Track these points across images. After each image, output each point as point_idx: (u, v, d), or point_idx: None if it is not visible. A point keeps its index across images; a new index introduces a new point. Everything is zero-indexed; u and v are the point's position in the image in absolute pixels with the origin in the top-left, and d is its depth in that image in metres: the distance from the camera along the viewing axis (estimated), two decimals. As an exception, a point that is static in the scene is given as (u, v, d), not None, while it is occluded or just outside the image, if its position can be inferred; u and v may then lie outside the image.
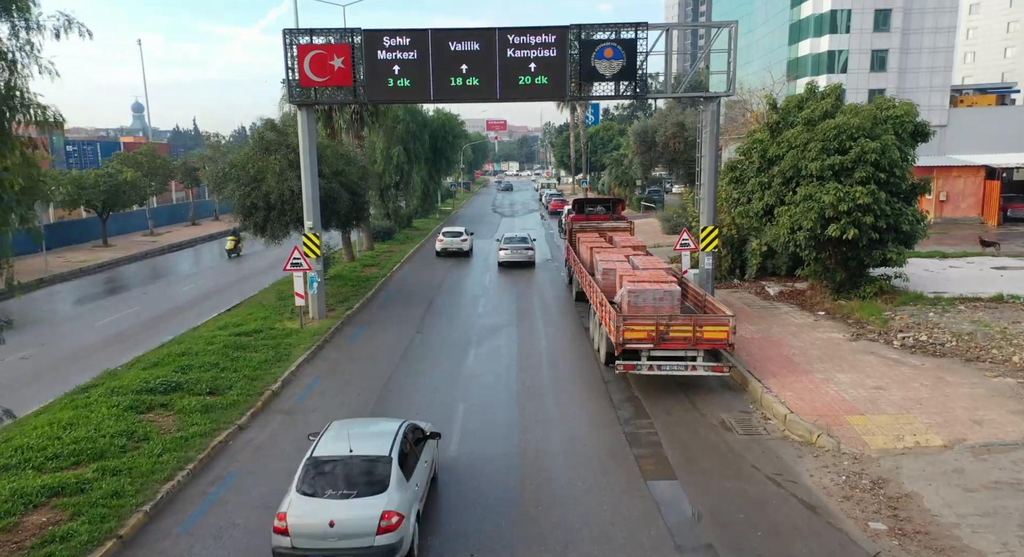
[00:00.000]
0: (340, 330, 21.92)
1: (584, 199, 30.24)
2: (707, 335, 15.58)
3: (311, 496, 9.02)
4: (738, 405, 15.12)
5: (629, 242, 24.40)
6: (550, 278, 30.89)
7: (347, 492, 9.04)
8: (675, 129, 39.93)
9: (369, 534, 8.71)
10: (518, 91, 20.89)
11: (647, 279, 17.67)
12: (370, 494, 9.01)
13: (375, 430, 10.61)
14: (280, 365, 17.62)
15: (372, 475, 9.22)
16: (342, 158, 25.79)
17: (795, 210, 20.65)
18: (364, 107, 32.98)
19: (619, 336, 15.65)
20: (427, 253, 39.69)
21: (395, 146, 43.77)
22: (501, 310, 24.66)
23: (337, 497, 9.00)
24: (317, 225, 22.41)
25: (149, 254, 40.24)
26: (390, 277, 31.27)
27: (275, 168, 22.93)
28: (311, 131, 21.91)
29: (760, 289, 25.02)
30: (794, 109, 22.63)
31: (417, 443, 10.60)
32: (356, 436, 10.00)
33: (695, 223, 27.72)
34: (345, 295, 26.21)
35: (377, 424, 11.47)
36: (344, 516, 8.76)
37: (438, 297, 26.98)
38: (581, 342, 20.43)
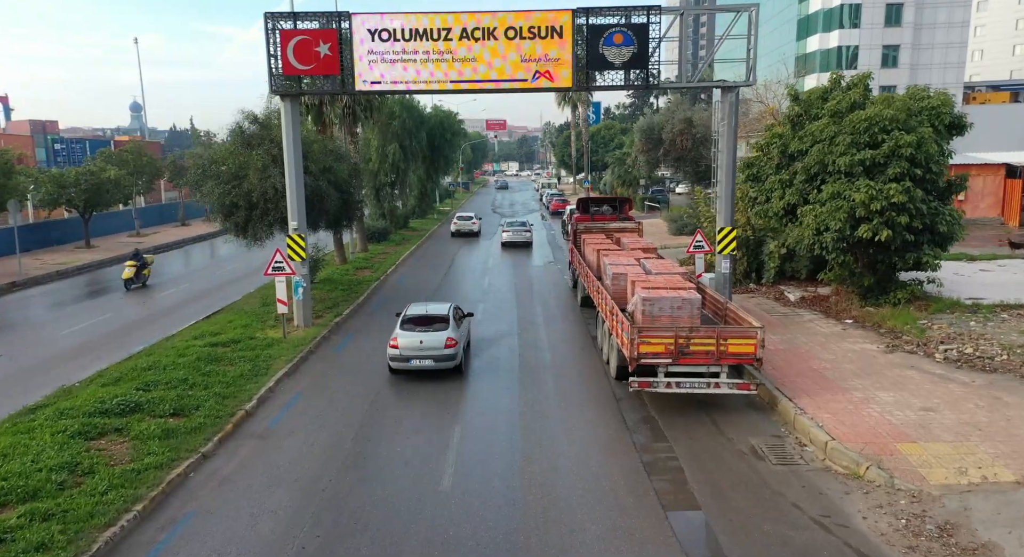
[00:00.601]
0: (327, 339, 20.23)
1: (589, 198, 28.60)
2: (732, 349, 13.91)
3: (408, 330, 16.41)
4: (768, 428, 13.43)
5: (638, 244, 22.74)
6: (553, 282, 29.21)
7: (427, 328, 16.37)
8: (682, 126, 38.24)
9: (440, 347, 16.02)
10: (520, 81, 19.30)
11: (662, 285, 15.99)
12: (439, 330, 16.32)
13: (437, 305, 18.16)
14: (257, 380, 15.92)
15: (439, 321, 16.67)
16: (331, 154, 24.11)
17: (821, 210, 18.96)
18: (356, 101, 31.31)
19: (633, 350, 13.98)
20: (424, 255, 38.02)
21: (391, 143, 42.13)
22: (501, 317, 22.98)
23: (422, 331, 16.31)
24: (302, 226, 20.73)
25: (133, 256, 38.53)
26: (384, 281, 29.58)
27: (257, 164, 21.25)
28: (295, 124, 20.22)
29: (779, 294, 23.33)
30: (817, 101, 20.94)
31: (459, 318, 17.67)
32: (430, 307, 17.66)
33: (708, 223, 26.08)
34: (334, 300, 24.52)
35: (437, 303, 18.94)
36: (427, 338, 16.10)
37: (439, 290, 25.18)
38: (588, 353, 18.75)
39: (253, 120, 22.05)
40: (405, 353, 16.09)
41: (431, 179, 55.42)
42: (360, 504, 10.67)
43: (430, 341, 16.01)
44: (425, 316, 16.83)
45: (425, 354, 16.00)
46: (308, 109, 30.20)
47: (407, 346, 16.07)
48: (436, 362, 16.07)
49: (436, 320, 16.63)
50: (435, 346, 15.99)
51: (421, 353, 16.00)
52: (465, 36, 19.20)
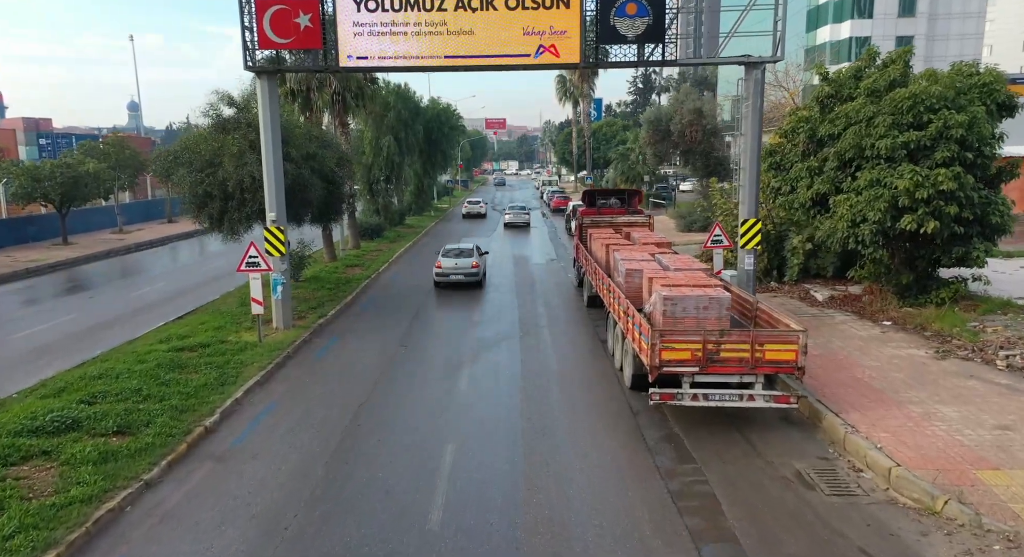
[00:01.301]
0: (308, 343, 18.27)
1: (595, 190, 26.66)
2: (770, 356, 11.98)
3: (448, 257, 24.47)
4: (813, 449, 11.49)
5: (651, 238, 20.80)
6: (556, 281, 27.25)
7: (459, 257, 24.48)
8: (692, 116, 36.30)
9: (468, 268, 23.96)
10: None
11: (684, 283, 14.03)
12: (467, 257, 24.36)
13: (465, 245, 26.31)
14: (223, 391, 13.96)
15: (468, 252, 24.87)
16: (315, 140, 22.14)
17: (857, 199, 17.04)
18: (347, 88, 29.34)
19: (654, 357, 12.05)
20: (419, 252, 36.06)
21: (385, 136, 40.20)
22: (501, 317, 21.03)
23: (455, 257, 24.52)
24: (282, 218, 18.77)
25: (112, 253, 36.56)
26: (375, 279, 27.63)
27: (232, 149, 19.30)
28: (273, 104, 18.28)
29: (804, 293, 21.39)
30: (850, 81, 19.02)
31: (480, 254, 25.69)
32: (461, 245, 26.04)
33: (725, 217, 24.14)
34: (320, 300, 22.56)
35: (465, 244, 26.78)
36: (459, 262, 24.08)
37: (428, 303, 23.34)
38: (598, 358, 16.80)
39: (229, 102, 20.09)
40: (446, 270, 24.85)
41: (428, 175, 53.47)
42: (330, 548, 8.72)
43: (462, 264, 24.80)
44: (457, 249, 26.01)
45: (458, 271, 24.74)
46: (294, 95, 28.27)
47: (447, 266, 24.87)
48: (465, 277, 24.74)
49: (465, 253, 25.52)
50: (465, 267, 24.70)
51: (456, 271, 24.76)
52: (461, 6, 17.25)
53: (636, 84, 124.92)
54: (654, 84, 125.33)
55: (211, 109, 19.74)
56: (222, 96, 19.91)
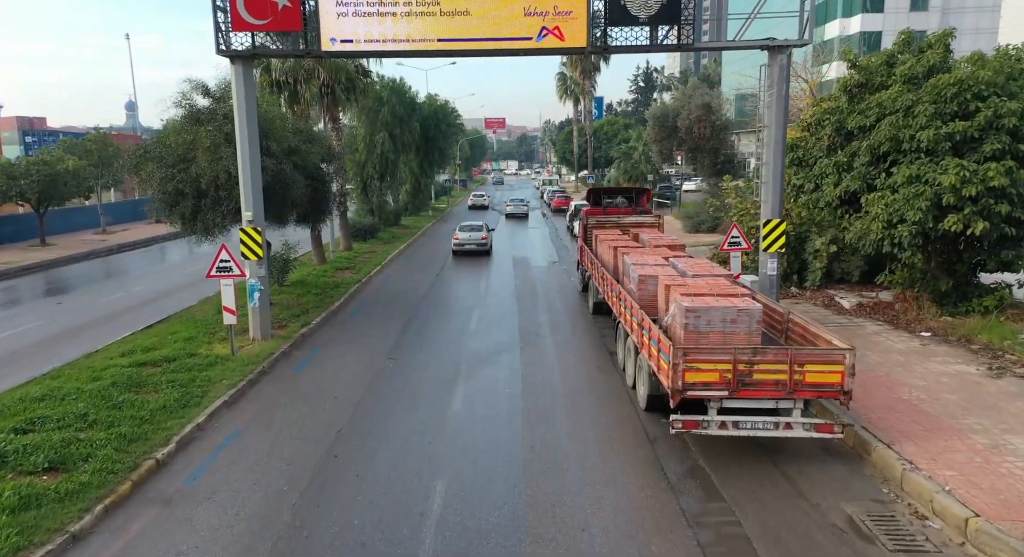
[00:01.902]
0: (286, 356, 16.59)
1: (601, 188, 25.02)
2: (811, 378, 10.32)
3: (463, 232, 32.57)
4: (863, 487, 9.83)
5: (662, 240, 19.16)
6: (559, 285, 25.59)
7: (471, 232, 32.47)
8: (700, 112, 34.65)
9: (479, 240, 32.16)
10: (523, 39, 15.77)
11: (706, 291, 12.37)
12: (479, 232, 32.40)
13: (476, 222, 34.53)
14: (183, 414, 12.29)
15: (478, 228, 32.83)
16: (299, 134, 20.46)
17: (894, 197, 15.38)
18: (336, 80, 27.66)
19: (676, 379, 10.39)
20: (414, 254, 34.39)
21: (379, 132, 38.57)
22: (499, 326, 19.37)
23: (469, 231, 32.55)
24: (259, 217, 17.10)
25: (93, 255, 34.90)
26: (365, 283, 25.94)
27: (205, 142, 17.63)
28: (249, 93, 16.61)
29: (829, 300, 19.72)
30: (881, 68, 17.36)
31: (488, 230, 32.99)
32: (472, 223, 33.90)
33: (741, 217, 22.48)
34: (304, 307, 20.89)
35: (476, 221, 35.88)
36: (473, 234, 32.26)
37: (421, 309, 21.67)
38: (607, 374, 15.14)
39: (204, 92, 18.41)
40: (462, 242, 32.11)
41: (425, 173, 51.83)
42: (285, 626, 7.07)
43: (474, 237, 32.16)
44: (471, 226, 33.16)
45: (472, 242, 31.97)
46: (280, 88, 26.60)
47: (463, 238, 32.14)
48: (477, 246, 31.96)
49: (476, 228, 32.92)
50: (476, 239, 32.11)
51: (469, 242, 31.99)
52: (456, -17, 15.62)
53: (637, 82, 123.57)
54: (655, 82, 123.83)
55: (183, 99, 18.07)
56: (196, 85, 18.25)
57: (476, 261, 31.70)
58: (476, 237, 32.24)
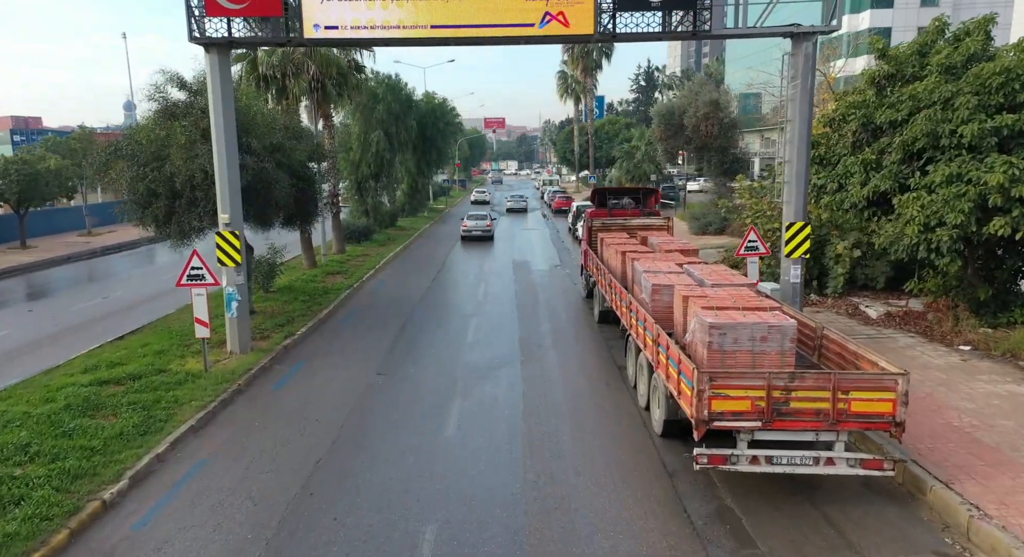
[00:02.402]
0: (266, 371, 15.21)
1: (606, 189, 23.64)
2: (857, 407, 8.95)
3: (470, 220, 38.69)
4: (921, 535, 8.47)
5: (673, 244, 17.82)
6: (562, 290, 24.23)
7: (478, 220, 38.58)
8: (707, 109, 33.27)
9: (485, 227, 38.00)
10: (524, 25, 14.43)
11: (729, 304, 11.01)
12: (484, 220, 38.65)
13: (482, 211, 43.92)
14: (142, 442, 10.92)
15: (483, 217, 39.23)
16: (283, 130, 19.05)
17: (931, 198, 14.02)
18: (327, 74, 26.28)
19: (701, 408, 9.03)
20: (410, 257, 33.02)
21: (374, 130, 37.18)
22: (499, 335, 18.00)
23: (476, 220, 38.63)
24: (237, 220, 15.73)
25: (75, 258, 33.54)
26: (357, 289, 24.56)
27: (180, 139, 16.24)
28: (225, 85, 15.24)
29: (853, 309, 18.35)
30: (913, 57, 16.01)
31: (492, 219, 40.30)
32: (478, 213, 41.43)
33: (757, 219, 21.10)
34: (290, 315, 19.52)
35: (482, 210, 45.47)
36: (479, 223, 38.27)
37: (415, 317, 20.30)
38: (616, 391, 13.77)
39: (179, 84, 17.02)
40: (470, 228, 37.60)
41: (422, 173, 50.43)
42: None
43: (480, 224, 37.62)
44: (477, 216, 39.01)
45: (478, 229, 37.40)
46: (268, 83, 25.23)
47: (471, 226, 37.66)
48: (482, 232, 37.31)
49: (482, 217, 38.73)
50: (482, 227, 37.53)
51: (476, 228, 37.42)
52: (450, -36, 14.27)
53: (638, 81, 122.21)
54: (657, 81, 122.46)
55: (156, 92, 16.69)
56: (170, 76, 16.86)
57: (475, 264, 30.36)
58: (482, 225, 38.53)
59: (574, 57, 60.75)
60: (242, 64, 24.89)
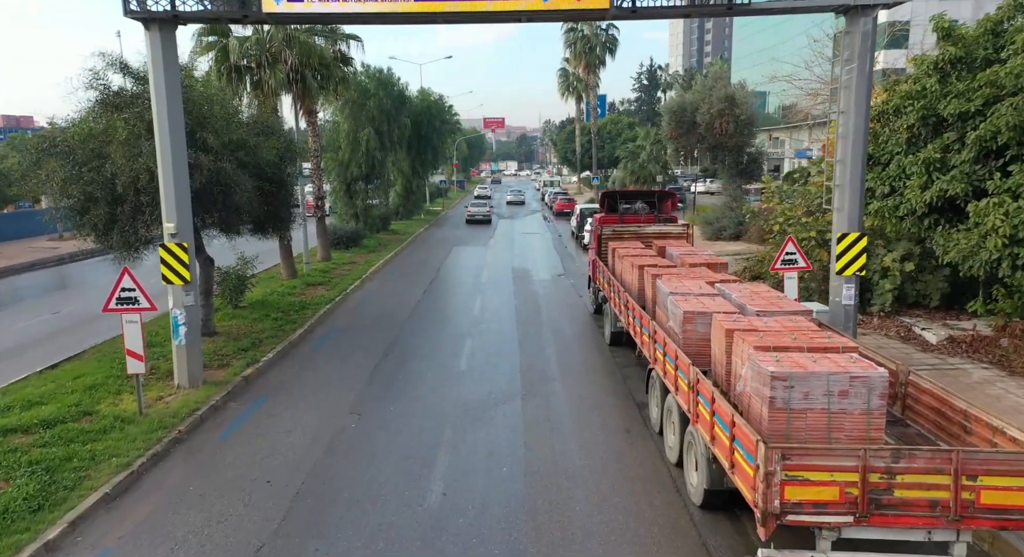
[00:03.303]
0: (217, 411, 12.75)
1: (617, 192, 21.22)
2: (989, 497, 6.53)
3: (474, 206, 50.35)
4: None
5: (696, 256, 15.45)
6: (567, 304, 21.78)
7: (480, 205, 50.34)
8: (722, 105, 30.84)
9: (485, 212, 48.83)
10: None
11: (788, 342, 8.58)
12: (484, 207, 50.02)
13: (483, 200, 56.52)
14: (31, 523, 8.44)
15: (484, 204, 51.67)
16: (247, 125, 16.56)
17: (1017, 206, 11.59)
18: (306, 64, 23.79)
19: (771, 497, 6.63)
20: (402, 264, 30.56)
21: (364, 128, 34.74)
22: (496, 364, 15.55)
23: (479, 205, 50.86)
24: (186, 230, 13.28)
25: (38, 265, 31.04)
26: (340, 303, 22.09)
27: (121, 134, 13.78)
28: (170, 69, 12.78)
29: (905, 331, 15.90)
30: (984, 37, 13.60)
31: (490, 208, 51.36)
32: (480, 203, 52.93)
33: (790, 226, 18.63)
34: (258, 336, 17.08)
35: (483, 200, 57.73)
36: (481, 208, 49.81)
37: (403, 338, 17.85)
38: (639, 439, 11.33)
39: (122, 69, 14.55)
40: (473, 214, 47.70)
41: (417, 174, 47.98)
42: None
43: (482, 210, 48.19)
44: (479, 202, 52.48)
45: (479, 214, 47.49)
46: (240, 74, 22.75)
47: (474, 211, 48.09)
48: (483, 217, 47.22)
49: (482, 205, 50.10)
50: (483, 212, 47.83)
51: (478, 214, 47.62)
52: (437, -79, 11.84)
53: (640, 80, 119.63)
54: (659, 80, 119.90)
55: (95, 79, 14.23)
56: (111, 60, 14.40)
57: (472, 273, 27.91)
58: (483, 210, 49.14)
59: (576, 53, 58.35)
60: (210, 55, 22.43)
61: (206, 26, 22.35)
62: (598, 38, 57.52)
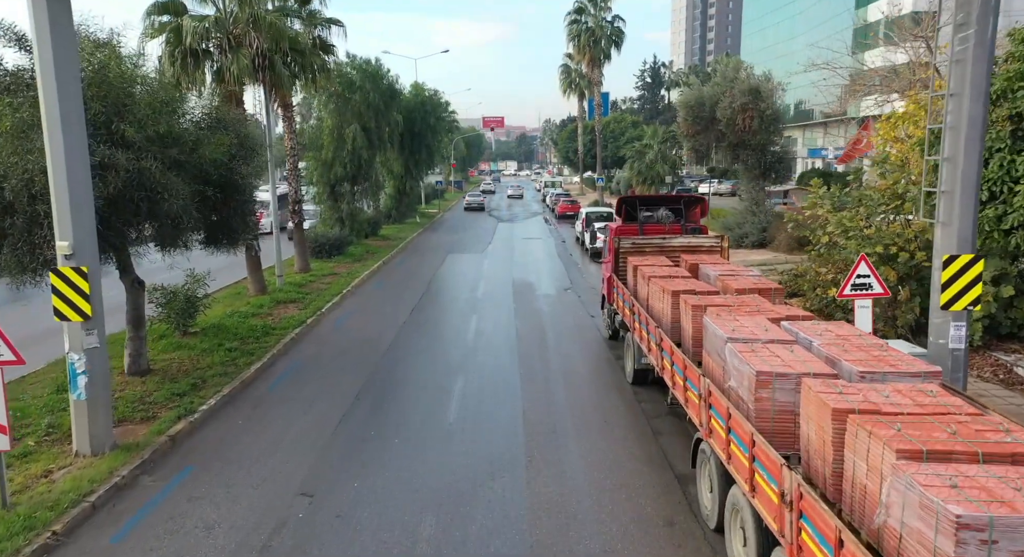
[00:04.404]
0: (120, 494, 9.58)
1: (637, 197, 18.15)
2: None
3: (471, 197, 64.03)
4: None
5: (741, 279, 12.49)
6: (576, 326, 18.68)
7: (477, 198, 62.83)
8: (746, 99, 27.73)
9: (480, 201, 61.88)
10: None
11: (946, 438, 5.48)
12: (480, 197, 64.10)
13: (480, 193, 68.97)
14: None
15: (480, 195, 65.37)
16: (178, 114, 13.33)
17: None
18: (276, 48, 20.58)
19: None
20: (390, 275, 27.43)
21: (349, 124, 31.61)
22: (493, 415, 12.44)
23: (478, 196, 64.62)
24: (88, 249, 10.17)
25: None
26: (312, 326, 18.95)
27: (5, 124, 10.66)
28: (59, 31, 9.65)
29: (1005, 371, 12.76)
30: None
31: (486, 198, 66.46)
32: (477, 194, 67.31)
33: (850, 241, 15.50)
34: (202, 374, 13.97)
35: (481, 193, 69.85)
36: (479, 197, 63.87)
37: (379, 375, 14.75)
38: (686, 537, 8.23)
39: (16, 41, 11.44)
40: (470, 203, 60.68)
41: (411, 175, 44.85)
42: None
43: (478, 199, 62.11)
44: (475, 194, 66.31)
45: (475, 202, 60.58)
46: (197, 59, 19.53)
47: (470, 201, 61.35)
48: (479, 205, 60.06)
49: (478, 196, 63.51)
50: (479, 201, 61.18)
51: (474, 202, 60.58)
52: None
53: (643, 78, 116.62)
54: (663, 78, 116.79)
55: (-20, 54, 11.17)
56: (3, 29, 11.31)
57: (467, 286, 24.80)
58: (479, 199, 60.88)
59: (580, 46, 55.20)
60: (161, 37, 19.29)
61: (157, 3, 19.26)
62: (603, 30, 54.38)
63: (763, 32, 70.96)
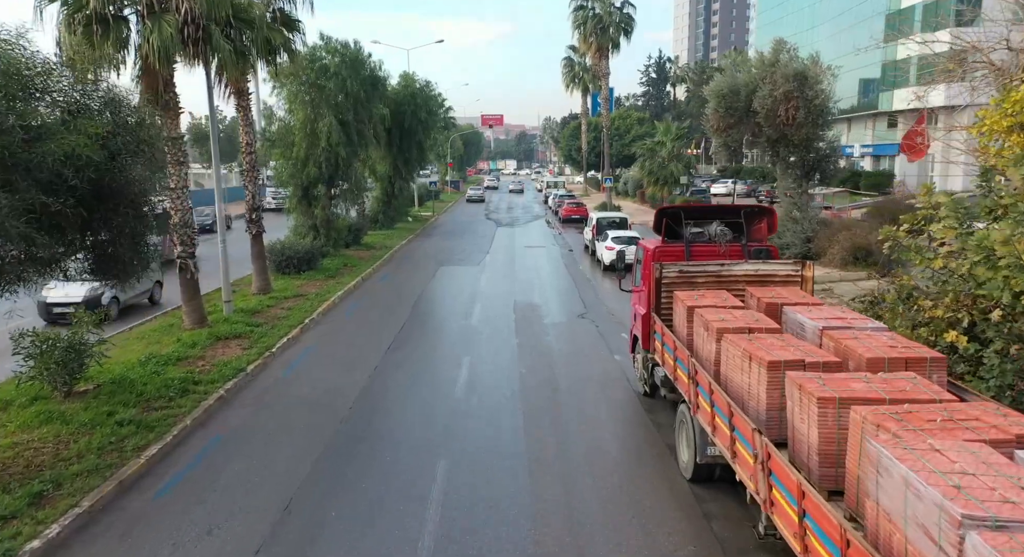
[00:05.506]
0: None
1: (680, 208, 13.67)
2: None
3: (473, 190, 75.22)
4: None
5: (868, 339, 8.16)
6: (599, 374, 14.29)
7: (477, 191, 74.86)
8: (790, 86, 23.28)
9: (480, 194, 73.51)
10: None
11: None
12: (481, 190, 76.06)
13: (479, 188, 77.84)
14: None
15: (481, 189, 77.78)
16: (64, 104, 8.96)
17: None
18: (212, 15, 16.05)
19: None
20: (365, 299, 22.98)
21: (324, 118, 27.15)
22: (490, 539, 8.05)
23: (477, 190, 75.32)
24: None
25: None
26: (254, 376, 14.49)
27: None
28: None
29: None
30: None
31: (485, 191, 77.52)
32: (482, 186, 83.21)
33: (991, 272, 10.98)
34: (63, 469, 9.57)
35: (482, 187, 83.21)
36: (478, 191, 74.52)
37: (332, 459, 10.36)
38: None
39: None
40: (470, 195, 71.61)
41: (400, 175, 40.40)
42: None
43: (478, 192, 73.10)
44: (478, 188, 77.18)
45: (476, 194, 71.24)
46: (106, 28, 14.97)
47: (471, 194, 72.21)
48: (479, 197, 70.84)
49: (479, 189, 76.35)
50: (479, 193, 72.48)
51: (474, 195, 71.03)
52: None
53: (648, 73, 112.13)
54: (668, 73, 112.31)
55: None
56: None
57: (460, 313, 20.40)
58: (479, 192, 71.15)
59: (585, 34, 50.80)
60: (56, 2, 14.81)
61: (55, -42, 14.80)
62: (611, 17, 49.96)
63: (780, 22, 66.49)
